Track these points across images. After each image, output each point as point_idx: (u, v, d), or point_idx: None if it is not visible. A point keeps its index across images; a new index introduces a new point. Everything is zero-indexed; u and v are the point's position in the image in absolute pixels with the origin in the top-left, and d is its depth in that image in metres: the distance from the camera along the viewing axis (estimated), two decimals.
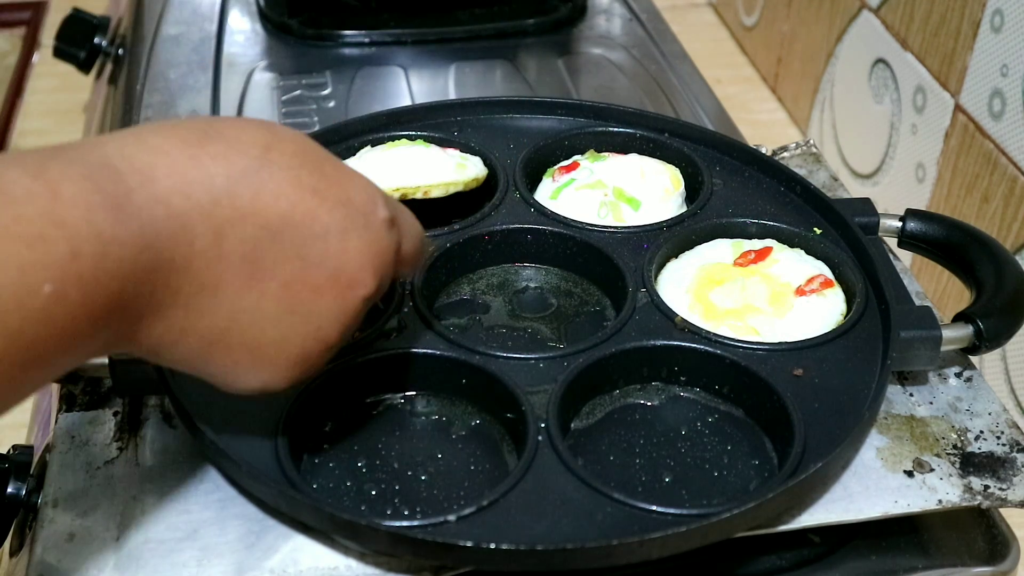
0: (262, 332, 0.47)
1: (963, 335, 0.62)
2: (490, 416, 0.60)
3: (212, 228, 0.44)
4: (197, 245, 0.44)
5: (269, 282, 0.46)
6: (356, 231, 0.48)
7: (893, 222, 0.71)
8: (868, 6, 1.28)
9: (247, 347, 0.47)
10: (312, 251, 0.47)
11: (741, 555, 0.57)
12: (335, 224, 0.47)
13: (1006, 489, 0.56)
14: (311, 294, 0.47)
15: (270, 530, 0.53)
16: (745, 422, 0.60)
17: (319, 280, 0.47)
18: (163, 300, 0.43)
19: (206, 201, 0.44)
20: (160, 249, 0.42)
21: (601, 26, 1.14)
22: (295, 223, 0.46)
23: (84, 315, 0.40)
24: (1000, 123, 1.04)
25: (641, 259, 0.67)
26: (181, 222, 0.43)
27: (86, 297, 0.39)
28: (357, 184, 0.49)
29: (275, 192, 0.46)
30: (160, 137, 0.44)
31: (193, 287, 0.44)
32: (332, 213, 0.47)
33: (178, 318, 0.44)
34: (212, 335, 0.46)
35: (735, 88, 1.56)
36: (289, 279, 0.47)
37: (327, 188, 0.47)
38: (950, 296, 1.12)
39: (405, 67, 1.04)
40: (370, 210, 0.49)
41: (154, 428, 0.59)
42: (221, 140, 0.45)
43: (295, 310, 0.47)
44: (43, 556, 0.52)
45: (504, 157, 0.76)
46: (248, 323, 0.46)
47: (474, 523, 0.51)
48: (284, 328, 0.47)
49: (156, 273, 0.42)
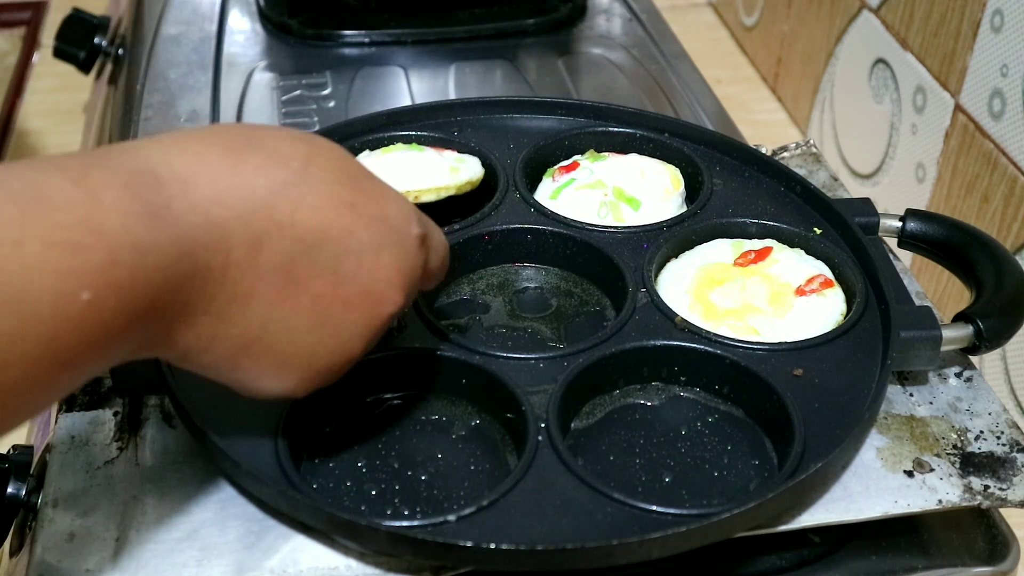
0: (290, 343, 0.47)
1: (963, 335, 0.62)
2: (490, 416, 0.60)
3: (249, 239, 0.44)
4: (233, 255, 0.44)
5: (301, 295, 0.46)
6: (389, 248, 0.49)
7: (893, 222, 0.71)
8: (868, 6, 1.28)
9: (274, 356, 0.47)
10: (345, 266, 0.47)
11: (741, 555, 0.57)
12: (369, 241, 0.48)
13: (1006, 489, 0.56)
14: (341, 308, 0.48)
15: (270, 530, 0.53)
16: (745, 422, 0.60)
17: (350, 295, 0.48)
18: (196, 308, 0.43)
19: (245, 211, 0.44)
20: (197, 258, 0.42)
21: (601, 26, 1.14)
22: (331, 238, 0.46)
23: (119, 322, 0.40)
24: (1000, 123, 1.04)
25: (641, 259, 0.67)
26: (219, 232, 0.43)
27: (122, 304, 0.39)
28: (392, 201, 0.50)
29: (313, 206, 0.46)
30: (203, 144, 0.44)
31: (226, 296, 0.44)
32: (367, 230, 0.48)
33: (209, 325, 0.45)
34: (241, 343, 0.46)
35: (735, 88, 1.56)
36: (321, 293, 0.47)
37: (364, 204, 0.48)
38: (950, 296, 1.12)
39: (405, 67, 1.04)
40: (404, 228, 0.50)
41: (154, 428, 0.59)
42: (262, 150, 0.46)
43: (324, 323, 0.48)
44: (43, 556, 0.52)
45: (504, 157, 0.76)
46: (278, 333, 0.47)
47: (474, 523, 0.51)
48: (312, 340, 0.48)
49: (191, 281, 0.42)
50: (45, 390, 0.40)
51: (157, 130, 0.95)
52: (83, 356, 0.39)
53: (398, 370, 0.60)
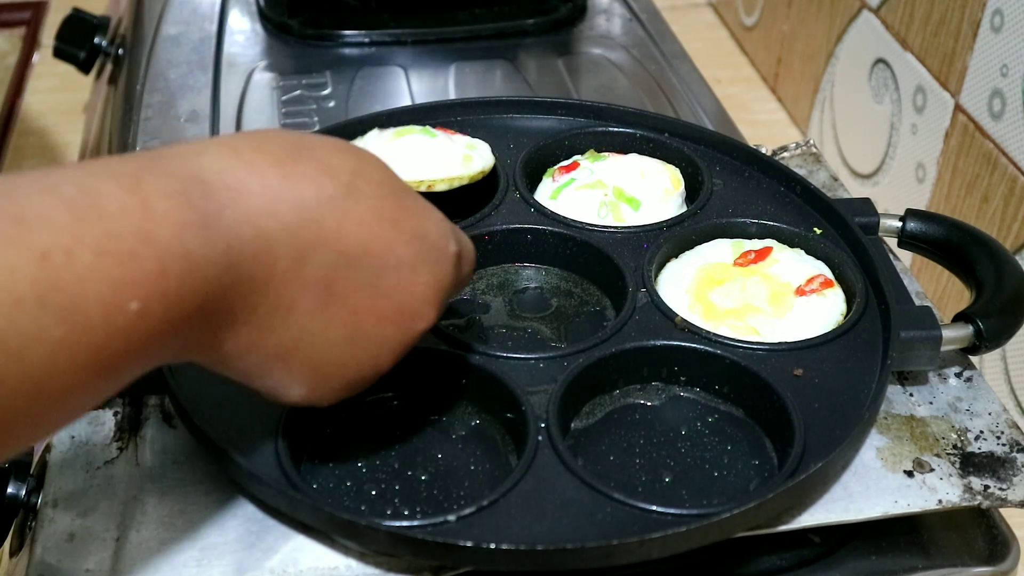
0: (324, 354, 0.48)
1: (963, 335, 0.62)
2: (490, 416, 0.60)
3: (295, 250, 0.44)
4: (279, 266, 0.44)
5: (340, 307, 0.47)
6: (427, 265, 0.49)
7: (893, 222, 0.71)
8: (868, 6, 1.28)
9: (308, 366, 0.48)
10: (384, 281, 0.48)
11: (741, 555, 0.57)
12: (409, 257, 0.48)
13: (1006, 489, 0.56)
14: (376, 322, 0.48)
15: (270, 530, 0.53)
16: (745, 422, 0.60)
17: (386, 310, 0.48)
18: (238, 317, 0.44)
19: (293, 223, 0.44)
20: (243, 268, 0.42)
21: (601, 26, 1.14)
22: (373, 253, 0.47)
23: (164, 330, 0.40)
24: (1000, 123, 1.04)
25: (641, 259, 0.67)
26: (267, 243, 0.43)
27: (168, 314, 0.39)
28: (432, 219, 0.50)
29: (358, 220, 0.46)
30: (255, 152, 0.44)
31: (268, 306, 0.44)
32: (408, 246, 0.48)
33: (248, 334, 0.45)
34: (277, 352, 0.46)
35: (735, 88, 1.56)
36: (358, 306, 0.47)
37: (406, 221, 0.48)
38: (950, 296, 1.12)
39: (405, 67, 1.04)
40: (442, 245, 0.50)
41: (154, 428, 0.59)
42: (312, 161, 0.46)
43: (358, 336, 0.48)
44: (43, 556, 0.52)
45: (504, 157, 0.76)
46: (313, 344, 0.47)
47: (474, 523, 0.51)
48: (345, 352, 0.48)
49: (236, 291, 0.42)
50: (89, 396, 0.40)
51: (157, 130, 0.95)
52: (128, 363, 0.40)
53: (398, 370, 0.60)
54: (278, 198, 0.44)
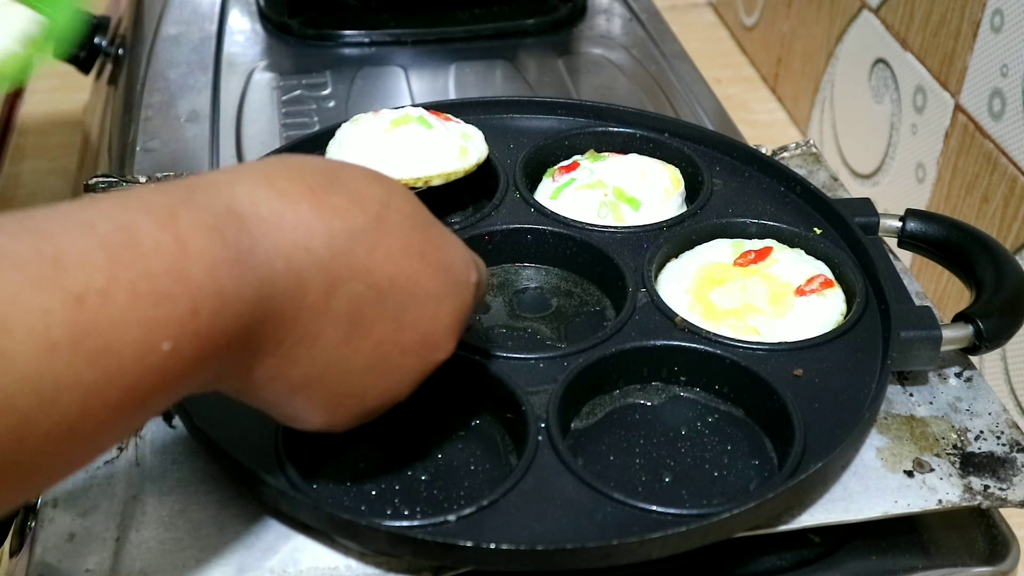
0: (346, 384, 0.48)
1: (963, 335, 0.62)
2: (490, 416, 0.60)
3: (325, 283, 0.44)
4: (308, 300, 0.44)
5: (364, 339, 0.47)
6: (450, 298, 0.49)
7: (893, 222, 0.71)
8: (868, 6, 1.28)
9: (329, 396, 0.48)
10: (409, 314, 0.48)
11: (741, 555, 0.57)
12: (435, 290, 0.48)
13: (1006, 489, 0.56)
14: (399, 354, 0.48)
15: (270, 530, 0.53)
16: (745, 422, 0.60)
17: (409, 342, 0.48)
18: (264, 350, 0.43)
19: (325, 256, 0.44)
20: (273, 302, 0.42)
21: (601, 26, 1.14)
22: (400, 286, 0.47)
23: (193, 367, 0.40)
24: (1000, 123, 1.04)
25: (641, 259, 0.67)
26: (298, 276, 0.43)
27: (198, 352, 0.39)
28: (456, 249, 0.51)
29: (387, 253, 0.46)
30: (288, 182, 0.44)
31: (294, 339, 0.44)
32: (433, 279, 0.48)
33: (274, 366, 0.45)
34: (300, 383, 0.46)
35: (735, 88, 1.56)
36: (382, 338, 0.47)
37: (432, 253, 0.48)
38: (950, 296, 1.12)
39: (405, 67, 1.04)
40: (464, 277, 0.50)
41: (154, 428, 0.59)
42: (344, 192, 0.46)
43: (380, 366, 0.48)
44: (43, 556, 0.52)
45: (504, 157, 0.76)
46: (336, 374, 0.47)
47: (474, 523, 0.51)
48: (366, 382, 0.48)
49: (265, 325, 0.42)
50: (118, 434, 0.40)
51: (157, 130, 0.95)
52: (157, 400, 0.40)
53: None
54: (311, 230, 0.43)
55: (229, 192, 0.42)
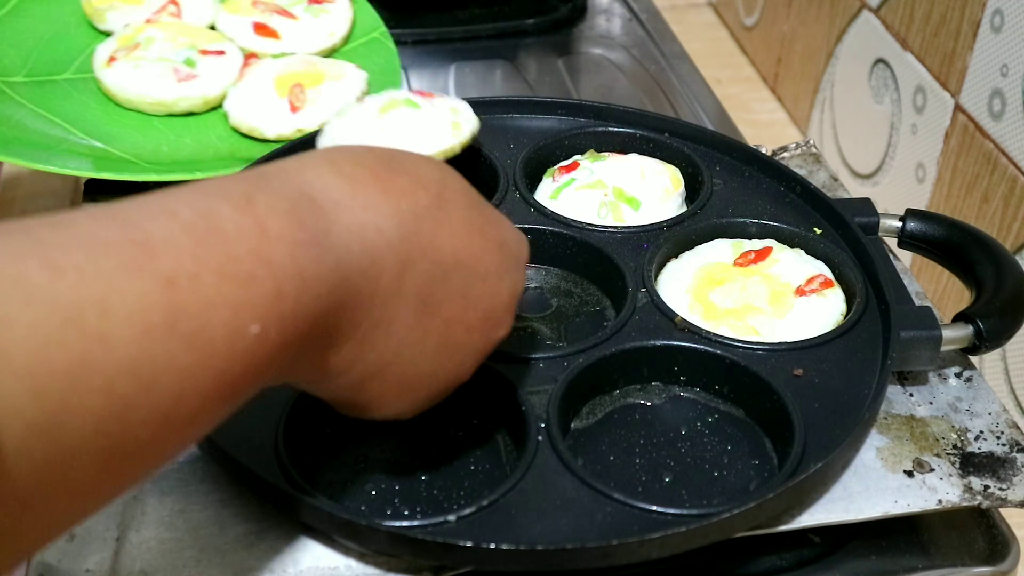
0: (417, 367, 0.48)
1: (963, 335, 0.62)
2: (490, 416, 0.60)
3: (398, 263, 0.45)
4: (383, 280, 0.44)
5: (434, 318, 0.47)
6: (509, 273, 0.50)
7: (893, 222, 0.71)
8: (868, 6, 1.28)
9: (401, 380, 0.48)
10: (473, 291, 0.48)
11: (741, 555, 0.57)
12: (495, 266, 0.49)
13: (1006, 489, 0.56)
14: (465, 332, 0.49)
15: (270, 530, 0.53)
16: (745, 422, 0.60)
17: (474, 320, 0.49)
18: (344, 334, 0.44)
19: (396, 237, 0.44)
20: (351, 283, 0.43)
21: (601, 26, 1.14)
22: (464, 263, 0.47)
23: (279, 352, 0.40)
24: (1000, 123, 1.04)
25: (641, 259, 0.67)
26: (372, 256, 0.43)
27: (283, 336, 0.39)
28: (507, 227, 0.52)
29: (451, 231, 0.47)
30: (355, 166, 0.45)
31: (371, 322, 0.45)
32: (493, 255, 0.49)
33: (351, 350, 0.45)
34: (376, 368, 0.47)
35: (735, 88, 1.56)
36: (450, 317, 0.48)
37: (490, 230, 0.49)
38: (950, 296, 1.12)
39: (405, 67, 1.04)
40: (519, 252, 0.51)
41: None
42: (406, 174, 0.46)
43: (448, 346, 0.49)
44: (43, 556, 0.52)
45: (504, 157, 0.76)
46: (408, 357, 0.47)
47: (474, 523, 0.51)
48: (436, 364, 0.49)
49: (344, 308, 0.43)
50: (209, 423, 0.40)
51: None
52: (245, 387, 0.40)
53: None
54: (380, 211, 0.44)
55: (300, 178, 0.43)
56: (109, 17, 0.88)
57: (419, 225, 0.45)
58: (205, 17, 0.90)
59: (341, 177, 0.44)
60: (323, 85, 0.81)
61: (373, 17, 0.92)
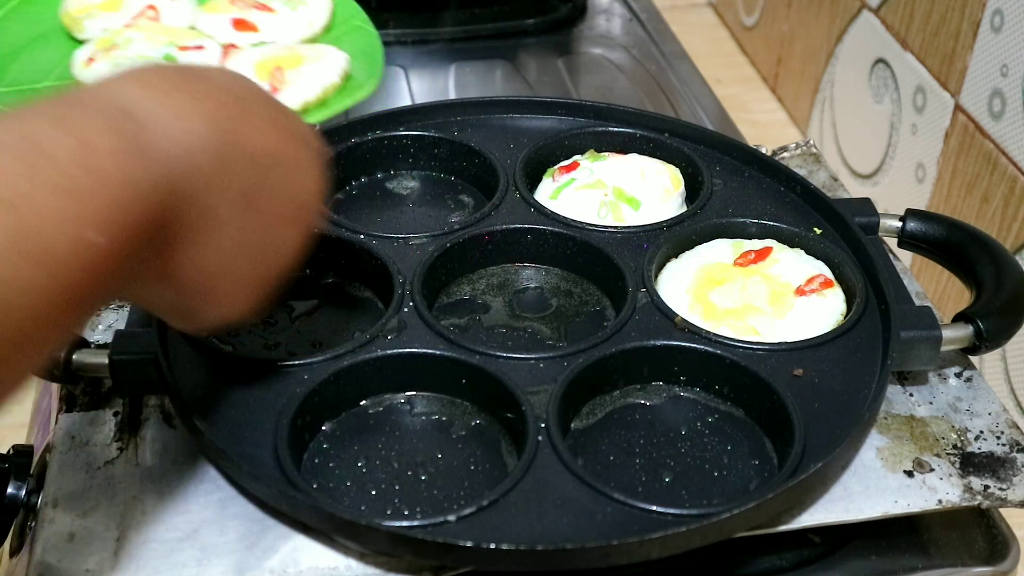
0: (251, 264, 0.51)
1: (963, 335, 0.62)
2: (490, 416, 0.60)
3: (216, 162, 0.47)
4: (204, 179, 0.46)
5: (259, 215, 0.50)
6: (315, 167, 0.53)
7: (893, 222, 0.71)
8: (868, 6, 1.28)
9: (239, 278, 0.51)
10: (289, 185, 0.51)
11: (741, 555, 0.57)
12: (304, 160, 0.52)
13: (1006, 489, 0.56)
14: (287, 226, 0.52)
15: (270, 530, 0.53)
16: (745, 422, 0.60)
17: (292, 212, 0.52)
18: (178, 235, 0.46)
19: (210, 138, 0.46)
20: (176, 185, 0.44)
21: (601, 26, 1.14)
22: (276, 158, 0.50)
23: (121, 259, 0.41)
24: (1000, 123, 1.04)
25: (641, 259, 0.67)
26: (191, 159, 0.45)
27: (122, 242, 0.41)
28: (304, 123, 0.54)
29: (259, 129, 0.49)
30: (159, 78, 0.47)
31: (202, 221, 0.47)
32: (300, 150, 0.52)
33: (188, 253, 0.47)
34: (215, 267, 0.49)
35: (735, 88, 1.56)
36: (273, 212, 0.50)
37: (292, 126, 0.52)
38: (950, 296, 1.12)
39: (405, 67, 1.04)
40: (319, 146, 0.54)
41: (154, 428, 0.59)
42: (209, 82, 0.49)
43: (275, 241, 0.51)
44: (43, 556, 0.52)
45: (504, 157, 0.76)
46: (243, 256, 0.50)
47: (474, 523, 0.51)
48: (266, 259, 0.51)
49: (174, 210, 0.44)
50: (61, 334, 0.42)
51: None
52: (94, 296, 0.42)
53: (398, 370, 0.60)
54: (192, 115, 0.46)
55: (111, 94, 0.45)
56: (87, 25, 0.88)
57: (228, 124, 0.48)
58: (184, 20, 0.90)
59: (149, 89, 0.46)
60: (303, 66, 0.81)
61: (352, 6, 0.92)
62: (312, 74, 0.80)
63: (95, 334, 0.65)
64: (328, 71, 0.80)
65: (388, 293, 0.64)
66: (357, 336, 0.61)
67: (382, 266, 0.66)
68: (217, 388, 0.58)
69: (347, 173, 0.76)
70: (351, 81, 0.77)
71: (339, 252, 0.68)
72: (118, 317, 0.65)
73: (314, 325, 0.65)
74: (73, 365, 0.58)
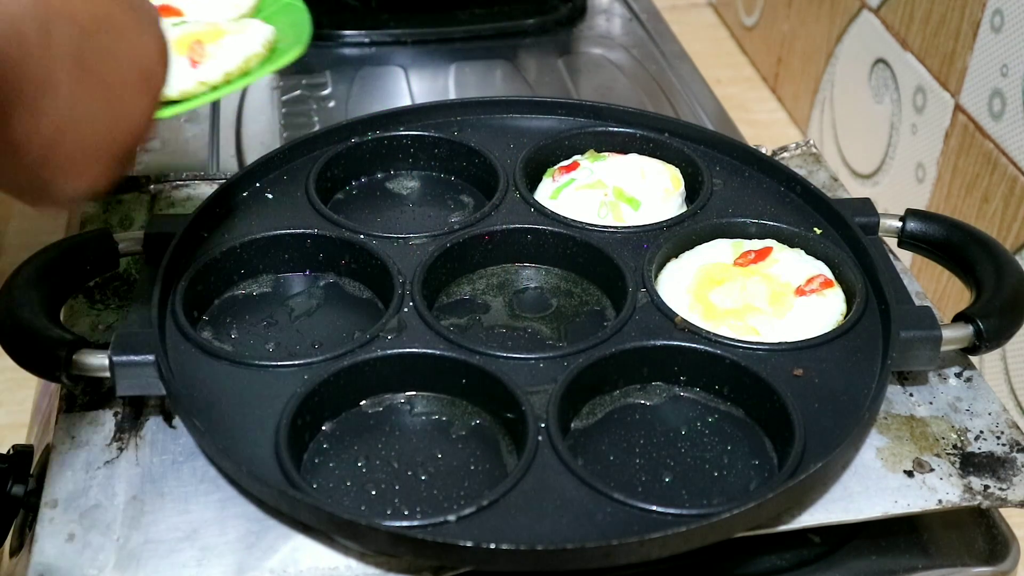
0: (94, 131, 0.51)
1: (963, 335, 0.62)
2: (490, 416, 0.60)
3: (40, 26, 0.47)
4: (30, 43, 0.46)
5: (94, 80, 0.50)
6: (150, 29, 0.53)
7: (893, 222, 0.71)
8: (868, 6, 1.28)
9: (81, 146, 0.51)
10: (123, 49, 0.51)
11: (741, 555, 0.57)
12: (134, 23, 0.52)
13: (1006, 489, 0.56)
14: (128, 91, 0.52)
15: (270, 530, 0.53)
16: (745, 422, 0.60)
17: (131, 77, 0.52)
18: (10, 102, 0.46)
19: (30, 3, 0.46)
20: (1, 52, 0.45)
21: (601, 26, 1.14)
22: (102, 22, 0.50)
23: None
24: (1000, 123, 1.04)
25: (641, 259, 0.67)
26: (13, 23, 0.46)
27: None
28: None
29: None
30: None
31: (32, 86, 0.47)
32: (127, 13, 0.52)
33: (24, 121, 0.47)
34: (52, 135, 0.49)
35: (735, 88, 1.56)
36: (108, 77, 0.50)
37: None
38: (950, 296, 1.12)
39: (405, 67, 1.04)
40: (150, 8, 0.54)
41: (154, 428, 0.59)
42: None
43: (117, 107, 0.51)
44: (43, 556, 0.52)
45: (504, 157, 0.76)
46: (82, 122, 0.50)
47: (474, 523, 0.51)
48: (111, 125, 0.51)
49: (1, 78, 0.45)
50: None
51: (157, 130, 0.95)
52: None
53: (398, 370, 0.60)
54: None
55: None
56: None
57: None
58: None
59: None
60: (224, 39, 0.81)
61: None
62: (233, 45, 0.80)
63: (95, 334, 0.65)
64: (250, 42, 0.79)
65: (388, 293, 0.64)
66: (357, 336, 0.61)
67: (382, 266, 0.66)
68: (217, 388, 0.58)
69: (347, 173, 0.76)
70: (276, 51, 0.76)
71: (339, 252, 0.68)
72: (118, 317, 0.65)
73: (314, 325, 0.65)
74: (73, 365, 0.57)
